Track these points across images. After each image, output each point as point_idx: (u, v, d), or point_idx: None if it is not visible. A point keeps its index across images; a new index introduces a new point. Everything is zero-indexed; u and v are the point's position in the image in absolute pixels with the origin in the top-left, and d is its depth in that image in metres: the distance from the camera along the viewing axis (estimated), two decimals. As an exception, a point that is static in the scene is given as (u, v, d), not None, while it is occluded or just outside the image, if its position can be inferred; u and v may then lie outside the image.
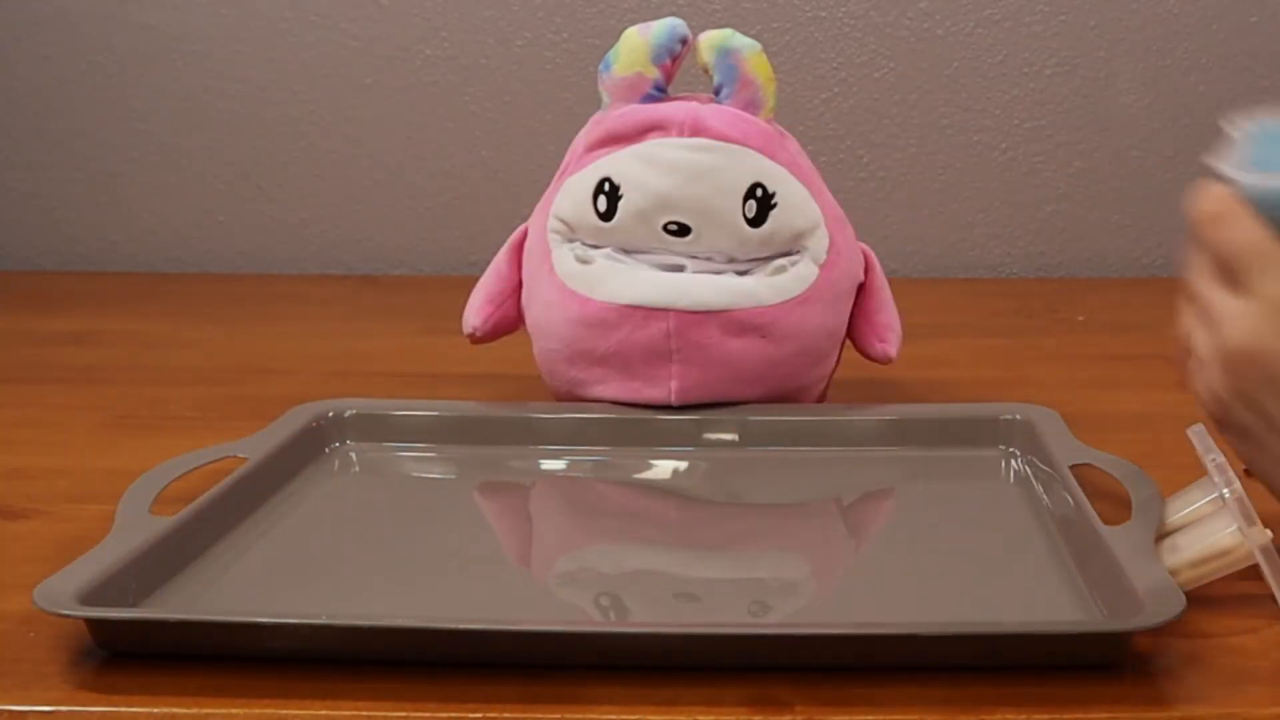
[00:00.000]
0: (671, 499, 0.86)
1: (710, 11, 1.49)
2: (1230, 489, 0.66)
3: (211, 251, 1.57)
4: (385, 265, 1.56)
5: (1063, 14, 1.47)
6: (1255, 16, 1.48)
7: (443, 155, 1.54)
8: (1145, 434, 0.91)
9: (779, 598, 0.72)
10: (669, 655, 0.62)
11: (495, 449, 0.90)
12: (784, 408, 0.92)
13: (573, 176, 0.94)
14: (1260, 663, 0.63)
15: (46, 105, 1.54)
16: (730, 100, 0.93)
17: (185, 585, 0.70)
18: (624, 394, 0.92)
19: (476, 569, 0.74)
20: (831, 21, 1.49)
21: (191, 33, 1.52)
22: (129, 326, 1.30)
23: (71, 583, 0.64)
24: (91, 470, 0.90)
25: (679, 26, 0.94)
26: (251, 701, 0.59)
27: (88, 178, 1.56)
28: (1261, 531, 0.65)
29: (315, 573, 0.73)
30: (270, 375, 1.12)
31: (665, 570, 0.75)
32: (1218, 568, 0.67)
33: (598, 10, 1.50)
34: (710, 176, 0.90)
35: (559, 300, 0.92)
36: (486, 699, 0.59)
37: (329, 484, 0.86)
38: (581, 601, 0.72)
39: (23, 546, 0.77)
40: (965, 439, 0.90)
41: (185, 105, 1.53)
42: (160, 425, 1.00)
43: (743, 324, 0.90)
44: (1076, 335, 1.26)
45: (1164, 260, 1.53)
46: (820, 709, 0.58)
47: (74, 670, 0.62)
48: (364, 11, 1.51)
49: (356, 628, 0.62)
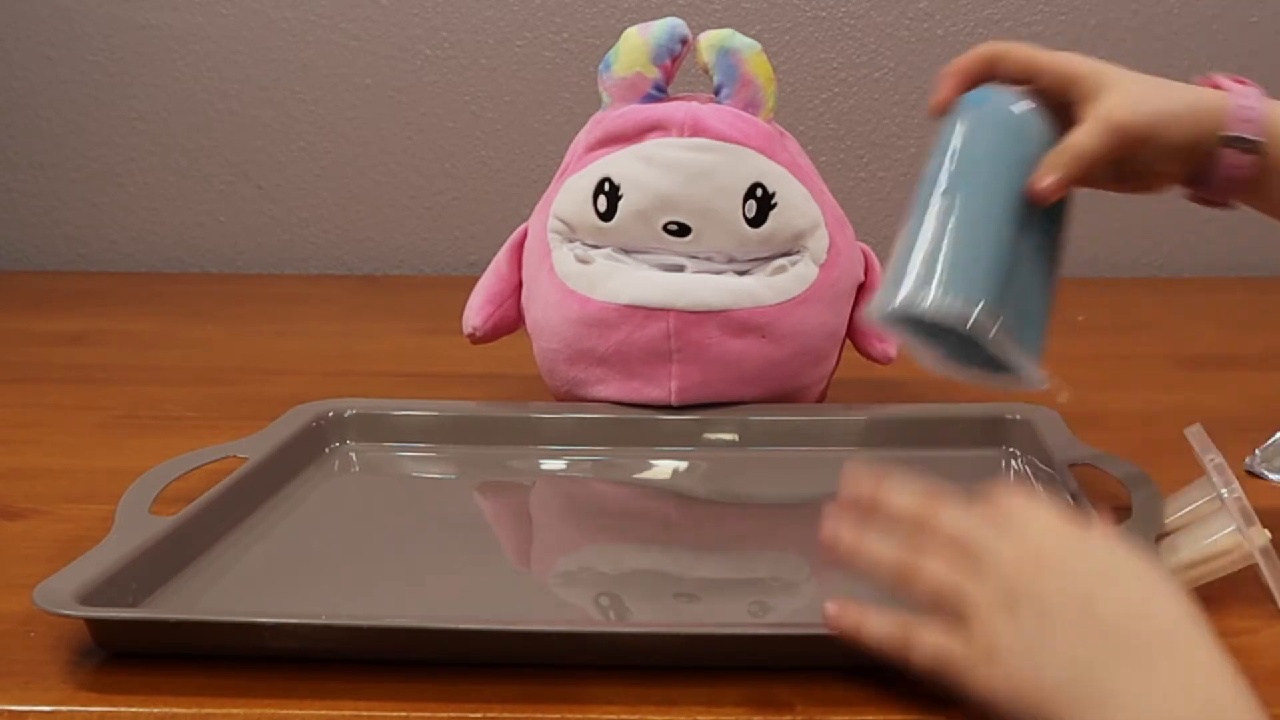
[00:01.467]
0: (671, 499, 0.86)
1: (710, 11, 1.49)
2: (1229, 489, 0.66)
3: (211, 251, 1.57)
4: (385, 265, 1.56)
5: (1063, 14, 1.47)
6: (1255, 16, 1.48)
7: (443, 155, 1.54)
8: (1145, 434, 0.91)
9: (779, 598, 0.72)
10: (669, 655, 0.62)
11: (495, 449, 0.90)
12: (784, 407, 0.92)
13: (572, 176, 0.94)
14: (1261, 662, 0.63)
15: (46, 105, 1.54)
16: (730, 100, 0.93)
17: (185, 585, 0.70)
18: (624, 394, 0.92)
19: (476, 569, 0.74)
20: (831, 21, 1.49)
21: (191, 33, 1.52)
22: (129, 326, 1.30)
23: (72, 583, 0.64)
24: (91, 470, 0.90)
25: (679, 26, 0.94)
26: (251, 701, 0.59)
27: (88, 178, 1.56)
28: (1260, 532, 0.65)
29: (315, 573, 0.73)
30: (270, 375, 1.12)
31: (665, 570, 0.75)
32: (1217, 568, 0.67)
33: (598, 10, 1.50)
34: (710, 176, 0.90)
35: (559, 300, 0.92)
36: (486, 699, 0.59)
37: (329, 484, 0.86)
38: (581, 601, 0.72)
39: (23, 546, 0.77)
40: (965, 439, 0.90)
41: (185, 105, 1.54)
42: (160, 425, 1.00)
43: (743, 324, 0.90)
44: (1076, 335, 1.26)
45: (1164, 260, 1.53)
46: (820, 709, 0.59)
47: (74, 670, 0.62)
48: (364, 11, 1.51)
49: (356, 628, 0.62)
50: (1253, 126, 0.72)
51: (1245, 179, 0.73)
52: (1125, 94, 0.73)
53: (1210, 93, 0.74)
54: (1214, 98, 0.73)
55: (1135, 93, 0.73)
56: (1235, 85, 0.74)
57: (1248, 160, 0.73)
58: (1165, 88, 0.74)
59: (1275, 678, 0.61)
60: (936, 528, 0.60)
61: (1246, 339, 1.25)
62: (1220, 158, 0.73)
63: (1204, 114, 0.73)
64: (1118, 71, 0.74)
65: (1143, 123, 0.72)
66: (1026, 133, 0.73)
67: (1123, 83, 0.73)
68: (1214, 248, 1.51)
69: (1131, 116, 0.72)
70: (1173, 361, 1.16)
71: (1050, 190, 0.72)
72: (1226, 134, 0.72)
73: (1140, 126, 0.72)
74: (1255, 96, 0.73)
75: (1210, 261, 1.52)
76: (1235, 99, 0.73)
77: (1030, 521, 0.58)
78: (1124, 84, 0.73)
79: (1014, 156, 0.73)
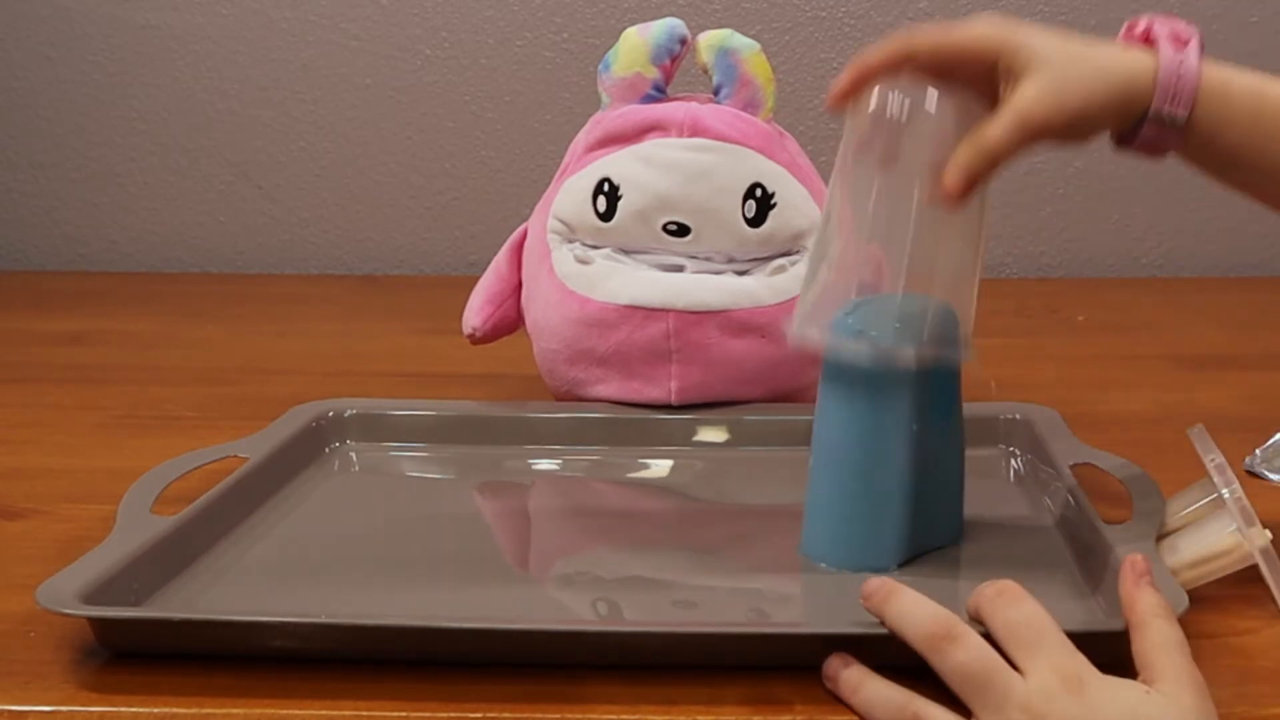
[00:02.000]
0: (670, 499, 0.86)
1: (710, 11, 1.49)
2: (1230, 489, 0.66)
3: (211, 251, 1.57)
4: (385, 265, 1.56)
5: (1063, 14, 1.47)
6: (1255, 16, 1.48)
7: (443, 155, 1.54)
8: (1145, 434, 0.91)
9: (777, 599, 0.72)
10: (668, 655, 0.62)
11: (494, 449, 0.90)
12: (783, 407, 0.92)
13: (572, 177, 0.94)
14: (1261, 662, 0.63)
15: (46, 105, 1.54)
16: (729, 100, 0.93)
17: (186, 585, 0.70)
18: (624, 394, 0.92)
19: (476, 569, 0.74)
20: (831, 21, 1.49)
21: (191, 33, 1.52)
22: (129, 326, 1.30)
23: (74, 582, 0.64)
24: (91, 470, 0.90)
25: (678, 27, 0.94)
26: (251, 701, 0.59)
27: (88, 178, 1.56)
28: (1261, 532, 0.65)
29: (315, 573, 0.73)
30: (270, 375, 1.12)
31: (664, 570, 0.75)
32: (1217, 568, 0.67)
33: (598, 10, 1.50)
34: (709, 177, 0.90)
35: (559, 300, 0.92)
36: (486, 699, 0.59)
37: (329, 484, 0.86)
38: (581, 601, 0.72)
39: (23, 546, 0.77)
40: (966, 438, 0.89)
41: (185, 105, 1.54)
42: (160, 425, 1.00)
43: (742, 324, 0.90)
44: (1076, 335, 1.26)
45: (1164, 260, 1.53)
46: (820, 709, 0.59)
47: (75, 670, 0.62)
48: (364, 11, 1.51)
49: (356, 628, 0.62)
50: (1180, 100, 0.68)
51: (1170, 147, 0.71)
52: (1045, 86, 0.67)
53: (1140, 64, 0.69)
54: (1143, 74, 0.69)
55: (1056, 84, 0.67)
56: (1168, 45, 0.69)
57: (1173, 133, 0.69)
58: (1091, 68, 0.68)
59: (1275, 678, 0.61)
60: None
61: (1246, 339, 1.25)
62: (1142, 130, 0.70)
63: (1131, 93, 0.69)
64: (1041, 46, 0.68)
65: (1061, 121, 0.68)
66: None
67: (1045, 69, 0.67)
68: (1214, 248, 1.51)
69: (1048, 115, 0.67)
70: (1173, 361, 1.16)
71: (958, 191, 0.67)
72: (1151, 110, 0.69)
73: (1058, 125, 0.68)
74: (1186, 62, 0.69)
75: (1210, 261, 1.52)
76: (1165, 72, 0.68)
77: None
78: (1046, 71, 0.67)
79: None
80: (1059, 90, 0.67)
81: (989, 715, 0.55)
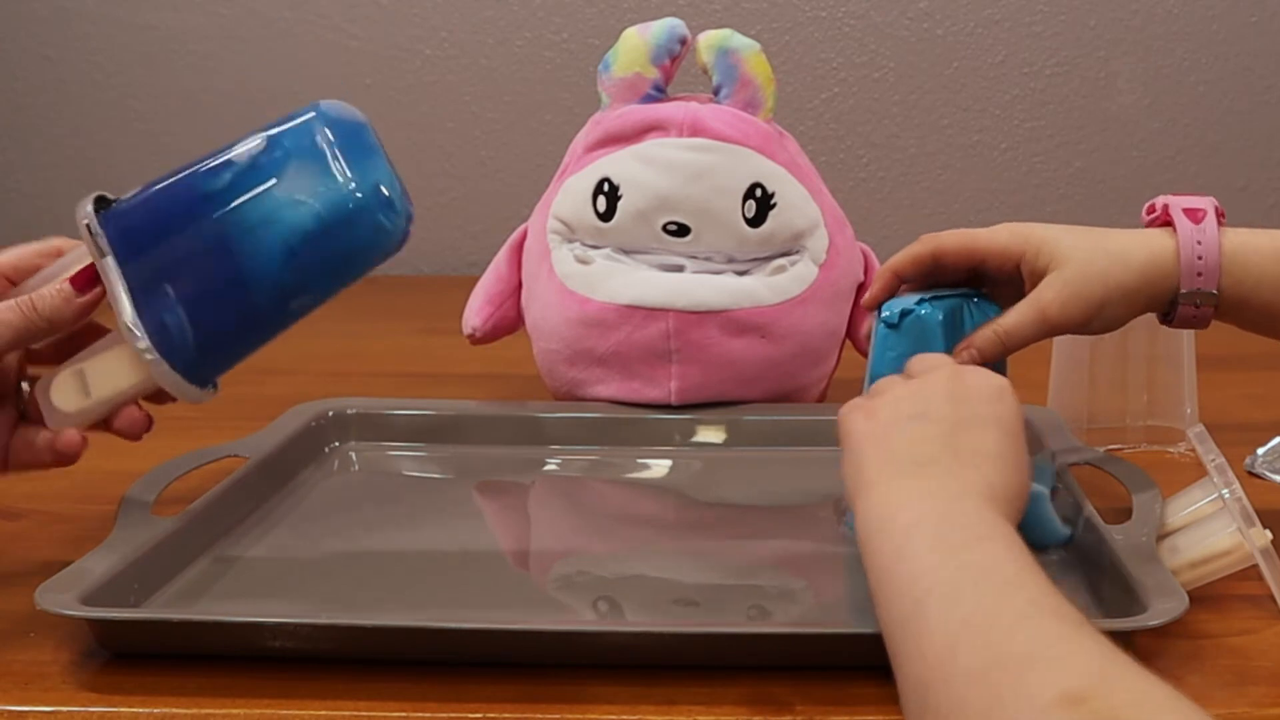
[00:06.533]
0: (670, 499, 0.86)
1: (710, 11, 1.49)
2: (1230, 489, 0.66)
3: (211, 251, 1.56)
4: (385, 265, 1.56)
5: (1063, 14, 1.47)
6: (1255, 16, 1.48)
7: (443, 155, 1.54)
8: (1145, 434, 0.91)
9: (777, 598, 0.72)
10: (668, 655, 0.62)
11: (494, 449, 0.90)
12: (783, 407, 0.92)
13: (572, 177, 0.94)
14: (1261, 663, 0.63)
15: (46, 105, 1.54)
16: (729, 100, 0.93)
17: (186, 585, 0.70)
18: (624, 394, 0.92)
19: (475, 569, 0.74)
20: (831, 21, 1.49)
21: (191, 33, 1.52)
22: (129, 326, 1.30)
23: (73, 583, 0.64)
24: (91, 470, 0.89)
25: (678, 27, 0.94)
26: (251, 701, 0.59)
27: (87, 178, 1.56)
28: (1261, 532, 0.65)
29: (315, 573, 0.73)
30: (270, 375, 1.12)
31: (664, 570, 0.75)
32: (1218, 568, 0.67)
33: (598, 10, 1.50)
34: (709, 176, 0.90)
35: (559, 301, 0.92)
36: (486, 699, 0.59)
37: (329, 484, 0.86)
38: (581, 601, 0.72)
39: (23, 546, 0.77)
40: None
41: (185, 105, 1.53)
42: (160, 425, 0.99)
43: (742, 324, 0.90)
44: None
45: (1164, 260, 1.53)
46: (820, 709, 0.59)
47: (75, 670, 0.62)
48: (364, 11, 1.51)
49: (356, 628, 0.62)
50: (1206, 279, 0.71)
51: (1210, 317, 0.73)
52: (1066, 281, 0.70)
53: (1159, 244, 0.71)
54: (1164, 254, 0.71)
55: (1077, 279, 0.70)
56: (1185, 220, 0.71)
57: (1206, 311, 0.72)
58: (1110, 259, 0.71)
59: (1275, 678, 0.61)
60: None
61: (1246, 339, 1.24)
62: (1178, 309, 0.72)
63: (1156, 274, 0.71)
64: (1064, 243, 0.71)
65: (1080, 313, 0.71)
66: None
67: (1065, 265, 0.71)
68: (1214, 248, 1.51)
69: (1065, 308, 0.70)
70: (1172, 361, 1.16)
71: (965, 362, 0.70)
72: (1181, 292, 0.71)
73: (1078, 317, 0.71)
74: (1205, 233, 0.71)
75: (1210, 261, 1.52)
76: (1185, 248, 0.71)
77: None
78: (1066, 267, 0.71)
79: None
80: (1080, 284, 0.70)
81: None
